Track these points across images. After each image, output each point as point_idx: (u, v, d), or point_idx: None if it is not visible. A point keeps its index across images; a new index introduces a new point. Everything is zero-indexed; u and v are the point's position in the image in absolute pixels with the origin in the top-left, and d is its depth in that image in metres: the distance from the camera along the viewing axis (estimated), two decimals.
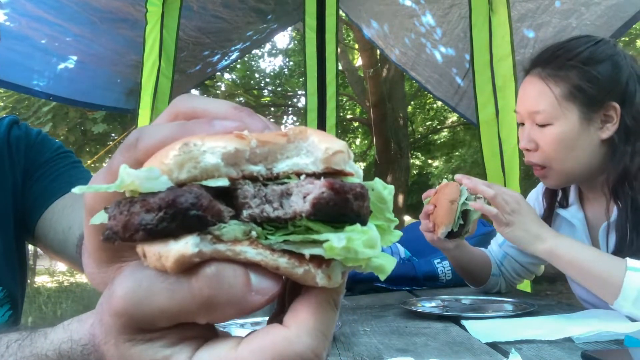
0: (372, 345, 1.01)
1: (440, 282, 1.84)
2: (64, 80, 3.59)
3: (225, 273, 0.28)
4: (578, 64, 1.28)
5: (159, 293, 0.29)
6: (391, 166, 9.06)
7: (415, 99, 11.09)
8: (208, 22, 3.66)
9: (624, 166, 1.26)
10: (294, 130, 0.31)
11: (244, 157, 0.30)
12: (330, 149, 0.30)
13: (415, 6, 3.80)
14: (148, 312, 0.29)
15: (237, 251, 0.29)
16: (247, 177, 0.30)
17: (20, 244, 1.02)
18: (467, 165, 9.69)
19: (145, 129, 0.33)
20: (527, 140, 1.34)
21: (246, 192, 0.29)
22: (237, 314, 0.29)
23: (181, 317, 0.29)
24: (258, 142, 0.30)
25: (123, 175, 0.28)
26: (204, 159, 0.29)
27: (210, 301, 0.28)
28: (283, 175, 0.30)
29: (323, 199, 0.28)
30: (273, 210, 0.29)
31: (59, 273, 10.72)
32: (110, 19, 3.22)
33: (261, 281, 0.29)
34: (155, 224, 0.27)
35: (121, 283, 0.30)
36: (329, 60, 3.57)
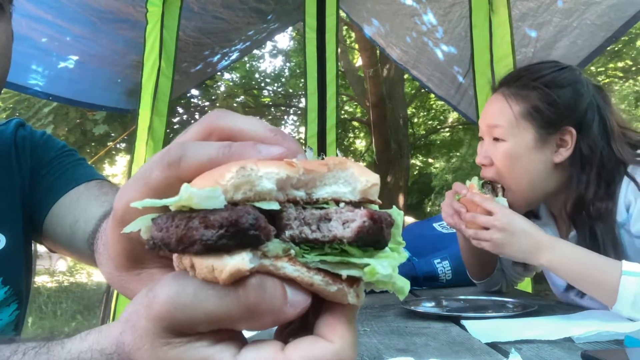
0: (372, 345, 1.01)
1: (440, 282, 1.84)
2: (63, 81, 3.59)
3: (267, 285, 0.31)
4: (540, 86, 1.32)
5: (206, 299, 0.31)
6: (391, 166, 9.06)
7: (416, 99, 11.09)
8: (208, 22, 3.66)
9: (580, 194, 1.29)
10: (334, 161, 0.34)
11: (291, 183, 0.33)
12: (370, 181, 0.34)
13: (416, 5, 3.80)
14: (192, 316, 0.31)
15: (279, 266, 0.32)
16: (290, 200, 0.33)
17: (28, 243, 1.03)
18: (467, 165, 9.69)
19: (189, 146, 0.35)
20: (483, 156, 1.38)
21: (290, 214, 0.32)
22: (273, 322, 0.32)
23: (224, 322, 0.32)
24: (304, 170, 0.33)
25: (183, 193, 0.31)
26: (260, 183, 0.31)
27: (254, 309, 0.31)
28: (322, 201, 0.34)
29: (365, 228, 0.31)
30: (311, 232, 0.32)
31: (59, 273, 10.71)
32: (111, 19, 3.22)
33: (295, 295, 0.32)
34: (215, 240, 0.30)
35: (164, 289, 0.32)
36: (329, 60, 3.57)
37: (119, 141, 7.24)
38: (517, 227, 1.25)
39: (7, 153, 1.00)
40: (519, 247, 1.24)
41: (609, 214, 1.26)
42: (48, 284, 9.73)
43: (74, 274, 10.46)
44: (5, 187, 0.98)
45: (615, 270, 1.10)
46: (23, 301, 1.01)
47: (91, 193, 0.97)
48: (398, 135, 9.30)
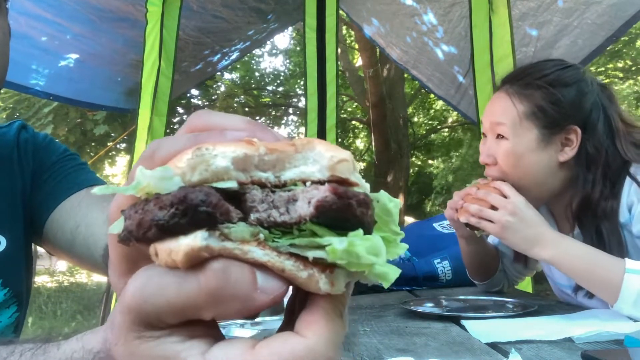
0: (372, 345, 1.01)
1: (440, 282, 1.84)
2: (63, 80, 3.59)
3: (232, 269, 0.29)
4: (544, 85, 1.31)
5: (167, 286, 0.30)
6: (391, 166, 9.06)
7: (416, 99, 11.09)
8: (208, 21, 3.66)
9: (586, 194, 1.28)
10: (302, 141, 0.32)
11: (252, 163, 0.31)
12: (336, 157, 0.31)
13: (416, 5, 3.80)
14: (156, 306, 0.30)
15: (245, 250, 0.30)
16: (255, 183, 0.31)
17: (28, 246, 1.04)
18: (467, 165, 9.69)
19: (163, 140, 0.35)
20: (486, 155, 1.37)
21: (254, 196, 0.31)
22: (242, 310, 0.30)
23: (188, 311, 0.30)
24: (267, 149, 0.31)
25: (139, 176, 0.30)
26: (214, 162, 0.30)
27: (216, 295, 0.29)
28: (290, 183, 0.31)
29: (327, 202, 0.29)
30: (279, 215, 0.30)
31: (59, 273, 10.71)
32: (110, 17, 3.22)
33: (267, 281, 0.30)
34: (167, 220, 0.29)
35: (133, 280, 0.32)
36: (329, 60, 3.57)
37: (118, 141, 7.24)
38: (528, 214, 1.23)
39: (9, 155, 1.00)
40: (525, 234, 1.22)
41: (614, 214, 1.25)
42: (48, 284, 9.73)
43: (74, 274, 10.46)
44: (6, 189, 0.97)
45: (619, 268, 1.10)
46: (23, 303, 1.01)
47: (92, 199, 0.98)
48: (398, 135, 9.30)
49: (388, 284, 0.30)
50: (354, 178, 0.32)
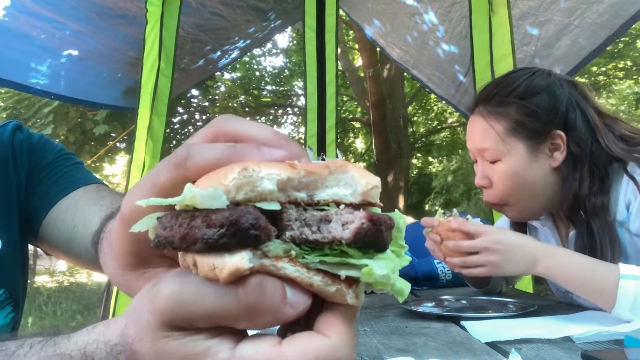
0: (372, 345, 1.00)
1: (440, 282, 1.84)
2: (63, 79, 3.59)
3: (267, 285, 0.32)
4: (515, 100, 1.31)
5: (207, 296, 0.32)
6: (391, 166, 9.07)
7: (416, 99, 11.09)
8: (207, 19, 3.65)
9: (574, 193, 1.28)
10: (335, 163, 0.35)
11: (292, 184, 0.33)
12: (370, 183, 0.34)
13: (416, 4, 3.80)
14: (192, 312, 0.32)
15: (279, 267, 0.32)
16: (292, 202, 0.34)
17: (23, 246, 1.03)
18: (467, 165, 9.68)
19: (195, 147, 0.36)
20: (480, 177, 1.37)
21: (290, 215, 0.33)
22: (272, 322, 0.33)
23: (224, 320, 0.32)
24: (305, 172, 0.34)
25: (187, 193, 0.31)
26: (261, 184, 0.32)
27: (253, 308, 0.32)
28: (323, 203, 0.34)
29: (363, 230, 0.32)
30: (312, 233, 0.33)
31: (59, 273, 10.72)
32: (109, 14, 3.21)
33: (295, 295, 0.33)
34: (216, 239, 0.31)
35: (168, 284, 0.33)
36: (329, 60, 3.56)
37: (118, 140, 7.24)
38: (508, 243, 1.22)
39: (4, 156, 0.99)
40: (517, 262, 1.21)
41: (604, 210, 1.25)
42: (48, 284, 9.73)
43: (74, 274, 10.47)
44: (1, 190, 0.97)
45: (613, 273, 1.09)
46: (19, 304, 1.00)
47: (89, 197, 0.97)
48: (398, 135, 9.31)
49: (403, 299, 0.34)
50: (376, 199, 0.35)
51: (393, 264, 0.33)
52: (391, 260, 0.33)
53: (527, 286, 2.54)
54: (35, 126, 6.61)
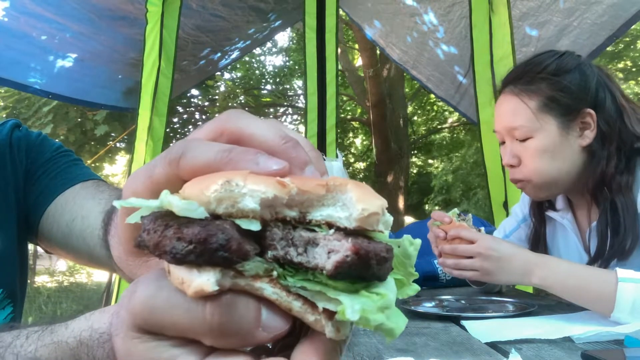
0: (372, 345, 1.00)
1: (440, 282, 1.84)
2: (63, 79, 3.59)
3: (238, 305, 0.30)
4: (548, 76, 1.30)
5: (175, 307, 0.30)
6: (391, 166, 9.06)
7: (416, 99, 11.09)
8: (207, 20, 3.66)
9: (601, 170, 1.28)
10: (334, 182, 0.32)
11: (281, 202, 0.31)
12: (367, 210, 0.30)
13: (416, 5, 3.80)
14: (160, 321, 0.31)
15: (256, 287, 0.30)
16: (279, 219, 0.31)
17: (22, 245, 1.03)
18: (467, 165, 9.69)
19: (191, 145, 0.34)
20: (510, 156, 1.35)
21: (274, 235, 0.31)
22: (241, 344, 0.31)
23: (189, 334, 0.31)
24: (298, 190, 0.31)
25: (163, 199, 0.30)
26: (242, 200, 0.30)
27: (219, 328, 0.30)
28: (315, 223, 0.31)
29: (345, 263, 0.29)
30: (297, 255, 0.30)
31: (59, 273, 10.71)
32: (109, 16, 3.22)
33: (271, 319, 0.30)
34: (184, 255, 0.29)
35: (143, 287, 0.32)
36: (329, 60, 3.56)
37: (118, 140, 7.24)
38: (503, 250, 1.23)
39: (2, 154, 0.99)
40: (510, 270, 1.22)
41: (629, 188, 1.25)
42: (48, 284, 9.73)
43: (73, 274, 10.46)
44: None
45: (611, 278, 1.10)
46: (18, 303, 1.00)
47: (88, 192, 0.97)
48: (398, 135, 9.31)
49: (391, 340, 0.31)
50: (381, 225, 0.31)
51: (379, 302, 0.29)
52: (379, 296, 0.30)
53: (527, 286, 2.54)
54: (35, 126, 6.61)
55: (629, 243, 1.23)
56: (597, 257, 1.29)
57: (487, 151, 2.94)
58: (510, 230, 1.63)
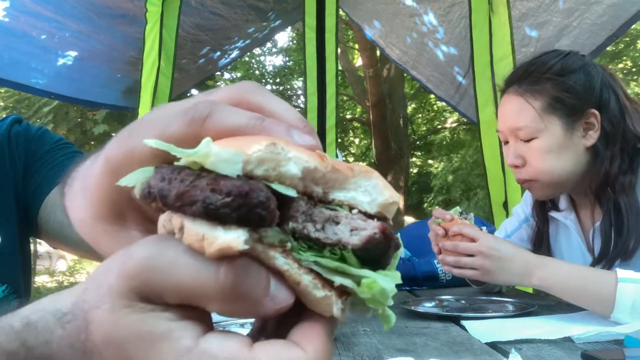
0: (372, 345, 1.00)
1: (440, 282, 1.84)
2: (63, 78, 3.59)
3: (252, 270, 0.29)
4: (552, 76, 1.30)
5: (185, 266, 0.28)
6: (391, 166, 9.06)
7: (415, 99, 11.09)
8: (206, 18, 3.65)
9: (605, 171, 1.27)
10: (361, 168, 0.32)
11: (315, 176, 0.31)
12: (392, 198, 0.32)
13: (416, 5, 3.80)
14: (165, 281, 0.28)
15: (270, 255, 0.29)
16: (306, 193, 0.31)
17: (24, 240, 1.03)
18: (467, 165, 9.69)
19: (219, 107, 0.32)
20: (514, 157, 1.34)
21: (299, 206, 0.30)
22: (247, 312, 0.30)
23: (197, 298, 0.29)
24: (332, 167, 0.31)
25: (203, 148, 0.28)
26: (287, 165, 0.29)
27: (231, 291, 0.28)
28: (336, 203, 0.31)
29: (375, 240, 0.30)
30: (315, 230, 0.30)
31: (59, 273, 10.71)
32: (108, 14, 3.21)
33: (279, 290, 0.30)
34: (218, 207, 0.27)
35: (143, 247, 0.30)
36: (329, 60, 3.56)
37: None
38: (504, 250, 1.23)
39: (1, 150, 0.99)
40: (510, 270, 1.22)
41: (632, 188, 1.25)
42: (48, 284, 9.72)
43: (73, 274, 10.46)
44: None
45: (610, 279, 1.10)
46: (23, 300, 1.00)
47: None
48: (398, 135, 9.30)
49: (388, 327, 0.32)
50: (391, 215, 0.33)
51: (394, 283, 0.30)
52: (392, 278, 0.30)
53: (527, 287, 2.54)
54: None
55: (633, 243, 1.23)
56: (600, 257, 1.30)
57: (487, 151, 2.94)
58: (511, 231, 1.63)
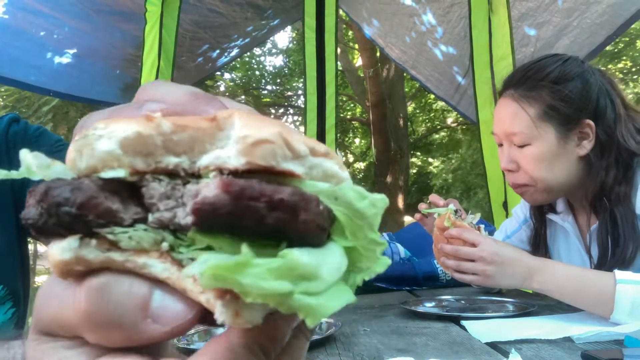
0: (372, 345, 1.00)
1: (440, 282, 1.84)
2: (62, 76, 3.58)
3: (115, 288, 0.23)
4: (549, 84, 1.30)
5: (52, 298, 0.25)
6: (391, 166, 9.06)
7: (415, 99, 11.09)
8: (205, 15, 3.65)
9: (601, 180, 1.28)
10: (223, 114, 0.23)
11: (156, 144, 0.23)
12: (251, 137, 0.22)
13: (415, 5, 3.80)
14: (44, 318, 0.25)
15: (140, 263, 0.23)
16: (161, 171, 0.23)
17: (22, 241, 1.03)
18: (467, 165, 9.69)
19: (89, 115, 0.28)
20: (507, 161, 1.35)
21: (152, 190, 0.23)
22: (128, 342, 0.23)
23: (69, 330, 0.24)
24: (173, 125, 0.23)
25: (22, 160, 0.24)
26: (98, 144, 0.23)
27: (89, 318, 0.23)
28: (204, 172, 0.23)
29: (209, 206, 0.21)
30: (185, 215, 0.22)
31: None
32: (107, 11, 3.21)
33: (167, 306, 0.23)
34: (36, 220, 0.23)
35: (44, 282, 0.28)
36: (329, 60, 3.56)
37: None
38: (505, 255, 1.23)
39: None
40: (511, 276, 1.23)
41: (627, 199, 1.25)
42: None
43: None
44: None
45: (609, 280, 1.10)
46: (20, 300, 1.00)
47: None
48: (398, 135, 9.31)
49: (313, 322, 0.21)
50: (293, 166, 0.23)
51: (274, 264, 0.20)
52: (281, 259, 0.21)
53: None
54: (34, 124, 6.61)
55: (630, 252, 1.23)
56: (599, 267, 1.30)
57: (486, 151, 2.94)
58: (511, 232, 1.63)
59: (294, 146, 0.23)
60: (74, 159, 0.24)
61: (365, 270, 0.25)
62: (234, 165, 0.22)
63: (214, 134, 0.23)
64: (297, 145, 0.23)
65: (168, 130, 0.23)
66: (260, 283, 0.20)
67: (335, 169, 0.25)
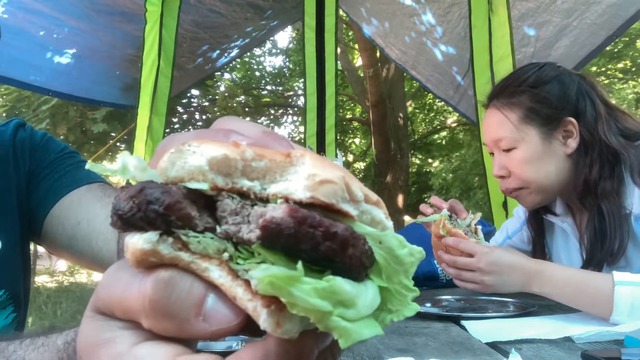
0: (372, 345, 1.00)
1: (440, 282, 1.84)
2: (62, 76, 3.59)
3: (178, 283, 0.26)
4: (527, 88, 1.35)
5: (117, 282, 0.28)
6: (391, 166, 9.07)
7: (415, 99, 11.09)
8: (205, 16, 3.65)
9: (585, 177, 1.31)
10: (297, 152, 0.27)
11: (236, 167, 0.27)
12: (317, 176, 0.25)
13: (415, 5, 3.80)
14: (107, 298, 0.28)
15: (202, 267, 0.26)
16: (236, 191, 0.27)
17: (24, 246, 1.03)
18: (467, 165, 9.69)
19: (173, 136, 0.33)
20: (497, 168, 1.40)
21: (225, 205, 0.26)
22: (176, 332, 0.26)
23: (130, 314, 0.27)
24: (255, 154, 0.27)
25: (119, 162, 0.28)
26: (190, 159, 0.27)
27: (152, 306, 0.26)
28: (272, 198, 0.26)
29: (276, 224, 0.24)
30: (248, 232, 0.25)
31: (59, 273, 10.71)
32: (107, 11, 3.22)
33: (217, 309, 0.26)
34: (125, 212, 0.26)
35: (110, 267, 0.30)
36: (329, 60, 3.57)
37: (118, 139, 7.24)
38: (503, 264, 1.25)
39: (5, 155, 0.99)
40: (509, 283, 1.24)
41: (615, 193, 1.28)
42: (48, 284, 9.72)
43: (73, 274, 10.45)
44: (1, 189, 0.97)
45: (607, 282, 1.11)
46: (21, 304, 1.00)
47: (94, 195, 0.97)
48: (398, 135, 9.31)
49: (345, 345, 0.23)
50: (348, 208, 0.26)
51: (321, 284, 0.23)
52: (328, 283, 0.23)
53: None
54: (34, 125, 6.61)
55: (616, 247, 1.25)
56: (588, 262, 1.32)
57: (486, 151, 2.94)
58: (512, 232, 1.64)
59: (353, 190, 0.26)
60: (165, 168, 0.27)
61: (395, 312, 0.27)
62: (299, 197, 0.26)
63: (285, 167, 0.27)
64: (356, 190, 0.27)
65: (249, 157, 0.27)
66: (307, 298, 0.23)
67: (382, 217, 0.28)
